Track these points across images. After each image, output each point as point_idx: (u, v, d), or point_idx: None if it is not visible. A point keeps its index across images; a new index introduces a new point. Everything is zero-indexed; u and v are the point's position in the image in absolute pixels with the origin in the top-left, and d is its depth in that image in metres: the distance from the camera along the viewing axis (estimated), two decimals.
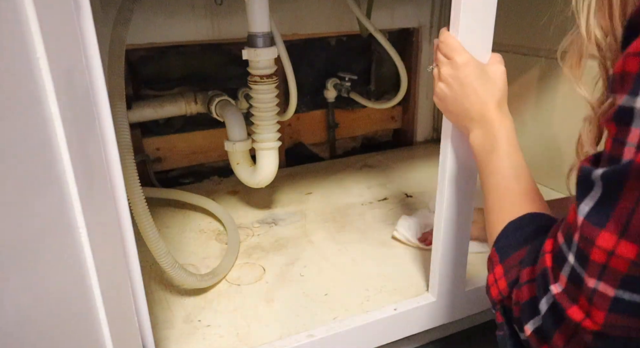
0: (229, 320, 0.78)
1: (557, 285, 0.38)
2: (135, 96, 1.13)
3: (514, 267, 0.46)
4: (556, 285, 0.38)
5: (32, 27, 0.39)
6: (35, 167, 0.41)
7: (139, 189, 0.69)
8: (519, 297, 0.43)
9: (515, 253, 0.47)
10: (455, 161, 0.69)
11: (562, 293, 0.38)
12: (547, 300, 0.39)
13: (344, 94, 1.32)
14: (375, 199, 1.17)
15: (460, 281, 0.80)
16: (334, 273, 0.89)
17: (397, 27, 1.35)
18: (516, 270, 0.45)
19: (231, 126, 1.01)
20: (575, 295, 0.37)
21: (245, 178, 1.05)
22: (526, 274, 0.43)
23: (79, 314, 0.49)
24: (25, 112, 0.40)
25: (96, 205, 0.48)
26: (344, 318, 0.77)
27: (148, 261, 0.83)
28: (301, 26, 1.21)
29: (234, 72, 1.20)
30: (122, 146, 0.63)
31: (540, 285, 0.40)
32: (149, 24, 1.04)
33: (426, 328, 0.81)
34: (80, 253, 0.47)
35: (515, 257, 0.47)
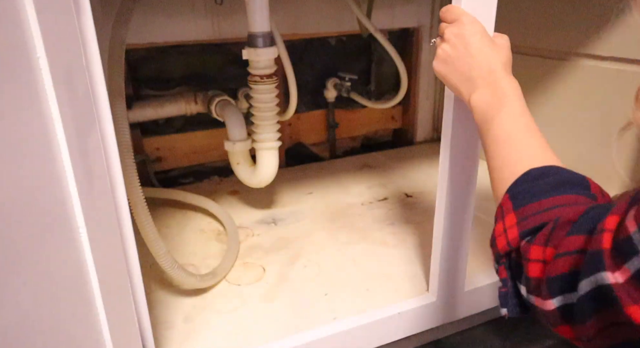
0: (229, 320, 0.78)
1: (614, 275, 0.33)
2: (135, 96, 1.13)
3: (531, 217, 0.41)
4: (614, 274, 0.33)
5: (32, 27, 0.39)
6: (35, 167, 0.41)
7: (139, 189, 0.69)
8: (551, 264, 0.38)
9: (534, 203, 0.42)
10: (455, 161, 0.69)
11: (621, 287, 0.33)
12: (592, 282, 0.34)
13: (344, 94, 1.32)
14: (375, 199, 1.17)
15: (460, 281, 0.80)
16: (334, 273, 0.89)
17: (397, 27, 1.35)
18: (533, 220, 0.41)
19: (231, 126, 1.01)
20: (638, 296, 0.32)
21: (245, 178, 1.05)
22: (573, 242, 0.37)
23: (79, 314, 0.49)
24: (25, 112, 0.40)
25: (96, 205, 0.48)
26: (344, 318, 0.77)
27: (148, 261, 0.83)
28: (301, 26, 1.21)
29: (234, 72, 1.20)
30: (122, 146, 0.63)
31: (589, 264, 0.35)
32: (149, 24, 1.04)
33: (426, 328, 0.81)
34: (80, 253, 0.47)
35: (534, 207, 0.42)
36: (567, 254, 0.37)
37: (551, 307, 0.37)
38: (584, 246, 0.36)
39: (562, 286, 0.37)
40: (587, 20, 1.00)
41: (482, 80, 0.55)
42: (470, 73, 0.56)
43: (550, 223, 0.40)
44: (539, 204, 0.41)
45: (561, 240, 0.38)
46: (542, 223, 0.40)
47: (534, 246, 0.39)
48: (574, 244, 0.37)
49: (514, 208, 0.43)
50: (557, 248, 0.38)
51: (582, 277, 0.35)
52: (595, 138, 1.03)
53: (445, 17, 0.60)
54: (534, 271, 0.39)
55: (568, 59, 1.06)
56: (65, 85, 0.42)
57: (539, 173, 0.45)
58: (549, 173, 0.44)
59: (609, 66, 0.98)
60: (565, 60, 1.07)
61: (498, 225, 0.45)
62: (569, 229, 0.38)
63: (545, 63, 1.11)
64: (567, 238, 0.37)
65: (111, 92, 0.63)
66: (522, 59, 1.15)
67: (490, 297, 0.85)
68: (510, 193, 0.45)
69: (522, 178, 0.45)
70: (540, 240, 0.39)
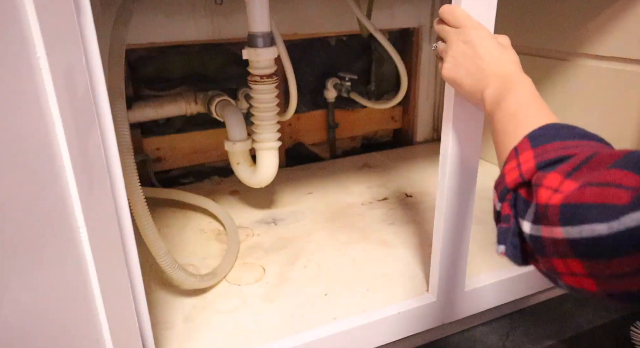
0: (229, 320, 0.78)
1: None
2: (135, 96, 1.13)
3: (552, 151, 0.38)
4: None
5: (32, 27, 0.39)
6: (35, 167, 0.41)
7: (139, 189, 0.69)
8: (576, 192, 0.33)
9: (556, 142, 0.39)
10: (455, 161, 0.69)
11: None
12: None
13: (344, 94, 1.32)
14: (375, 199, 1.17)
15: (460, 281, 0.80)
16: (334, 273, 0.89)
17: (397, 27, 1.35)
18: (554, 153, 0.38)
19: (231, 126, 1.01)
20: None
21: (245, 178, 1.05)
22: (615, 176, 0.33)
23: (79, 314, 0.49)
24: (26, 112, 0.40)
25: (96, 205, 0.48)
26: (344, 318, 0.77)
27: (148, 261, 0.83)
28: (301, 26, 1.21)
29: (234, 72, 1.20)
30: (122, 146, 0.63)
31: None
32: (149, 24, 1.04)
33: (426, 328, 0.81)
34: (80, 253, 0.47)
35: (557, 144, 0.39)
36: (606, 185, 0.32)
37: (561, 236, 0.33)
38: (634, 184, 0.31)
39: (586, 216, 0.32)
40: (587, 20, 1.00)
41: (494, 77, 0.54)
42: (482, 74, 0.56)
43: (577, 156, 0.36)
44: (563, 143, 0.38)
45: (597, 172, 0.34)
46: (565, 155, 0.37)
47: (553, 173, 0.36)
48: (618, 177, 0.32)
49: (532, 146, 0.40)
50: (586, 180, 0.34)
51: (629, 210, 0.31)
52: None
53: (447, 19, 0.60)
54: (545, 198, 0.35)
55: (568, 59, 1.06)
56: (65, 85, 0.42)
57: (559, 125, 0.41)
58: (571, 127, 0.41)
59: (609, 66, 0.98)
60: (565, 60, 1.07)
61: (509, 164, 0.41)
62: (611, 163, 0.34)
63: (545, 63, 1.11)
64: (609, 170, 0.33)
65: (111, 92, 0.63)
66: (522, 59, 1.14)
67: (490, 297, 0.85)
68: (529, 136, 0.42)
69: (542, 128, 0.42)
70: (562, 169, 0.36)
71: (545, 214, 0.35)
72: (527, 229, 0.37)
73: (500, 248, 0.39)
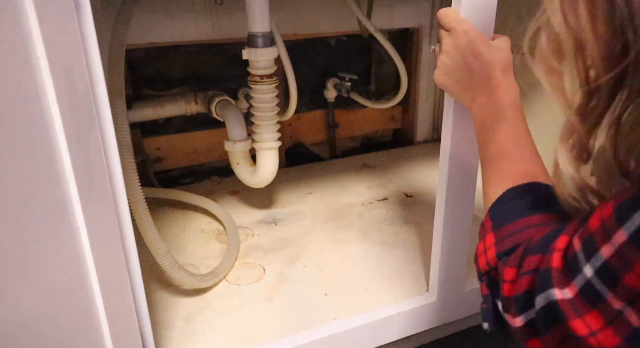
0: (229, 320, 0.78)
1: (563, 291, 0.35)
2: (135, 96, 1.13)
3: (506, 238, 0.44)
4: (562, 290, 0.35)
5: (32, 27, 0.39)
6: (35, 167, 0.41)
7: (139, 189, 0.69)
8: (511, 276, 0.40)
9: (509, 224, 0.44)
10: (455, 161, 0.69)
11: (568, 302, 0.35)
12: (544, 298, 0.37)
13: (344, 94, 1.32)
14: (375, 199, 1.17)
15: (460, 281, 0.80)
16: (334, 273, 0.89)
17: (397, 27, 1.35)
18: (508, 241, 0.43)
19: (231, 126, 1.01)
20: (585, 310, 0.34)
21: (245, 178, 1.05)
22: (531, 262, 0.39)
23: (79, 314, 0.49)
24: (26, 112, 0.40)
25: (96, 205, 0.48)
26: (344, 318, 0.77)
27: (148, 261, 0.83)
28: (301, 26, 1.21)
29: (234, 72, 1.20)
30: (122, 146, 0.63)
31: (541, 282, 0.37)
32: (149, 24, 1.03)
33: (426, 328, 0.81)
34: (80, 253, 0.47)
35: (509, 228, 0.44)
36: (527, 273, 0.39)
37: (519, 324, 0.39)
38: (538, 265, 0.38)
39: (525, 304, 0.39)
40: None
41: (481, 89, 0.56)
42: (470, 84, 0.58)
43: (522, 244, 0.42)
44: (514, 225, 0.43)
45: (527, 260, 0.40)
46: (515, 244, 0.43)
47: (507, 268, 0.41)
48: (532, 263, 0.39)
49: (493, 229, 0.45)
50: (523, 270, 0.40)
51: (537, 294, 0.37)
52: None
53: (441, 21, 0.60)
54: (507, 291, 0.41)
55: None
56: (65, 85, 0.42)
57: (517, 192, 0.47)
58: (527, 192, 0.46)
59: None
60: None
61: (480, 244, 0.47)
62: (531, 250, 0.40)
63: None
64: (528, 257, 0.40)
65: (111, 92, 0.63)
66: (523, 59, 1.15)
67: None
68: (490, 212, 0.48)
69: (500, 200, 0.47)
70: (513, 262, 0.41)
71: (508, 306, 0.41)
72: (500, 309, 0.43)
73: (485, 325, 0.46)
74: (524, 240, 0.42)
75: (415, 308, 0.79)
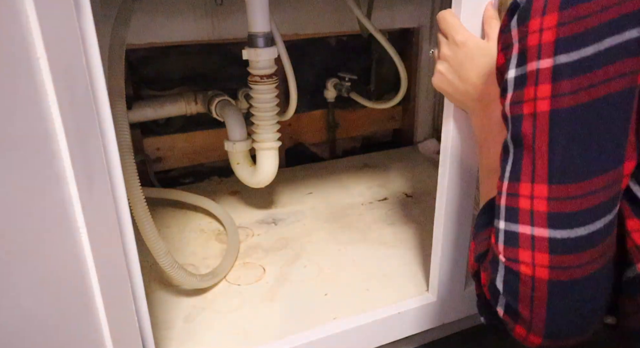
0: (229, 320, 0.78)
1: (501, 256, 0.40)
2: (135, 96, 1.13)
3: (481, 242, 0.47)
4: (500, 256, 0.40)
5: (33, 27, 0.39)
6: (35, 167, 0.41)
7: (139, 189, 0.69)
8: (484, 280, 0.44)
9: (484, 231, 0.47)
10: (455, 160, 0.69)
11: (506, 260, 0.40)
12: (500, 275, 0.41)
13: (344, 94, 1.32)
14: (375, 199, 1.17)
15: (460, 281, 0.80)
16: (334, 273, 0.89)
17: (397, 27, 1.35)
18: (482, 245, 0.47)
19: (231, 126, 1.01)
20: (516, 253, 0.39)
21: (245, 178, 1.05)
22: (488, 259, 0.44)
23: (78, 314, 0.49)
24: (26, 112, 0.40)
25: (96, 205, 0.48)
26: (344, 318, 0.77)
27: (148, 261, 0.83)
28: (301, 26, 1.21)
29: (234, 72, 1.20)
30: (122, 146, 0.63)
31: (492, 264, 0.42)
32: (149, 24, 1.03)
33: (426, 328, 0.81)
34: (80, 253, 0.47)
35: (484, 234, 0.47)
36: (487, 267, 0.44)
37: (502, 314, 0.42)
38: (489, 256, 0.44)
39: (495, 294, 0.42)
40: None
41: (477, 103, 0.58)
42: (466, 95, 0.59)
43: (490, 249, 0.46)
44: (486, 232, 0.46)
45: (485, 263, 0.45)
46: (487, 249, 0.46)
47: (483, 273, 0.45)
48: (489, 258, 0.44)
49: (473, 237, 0.49)
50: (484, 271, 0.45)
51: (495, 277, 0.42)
52: None
53: (440, 26, 0.60)
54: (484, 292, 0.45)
55: None
56: (65, 85, 0.42)
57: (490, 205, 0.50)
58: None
59: None
60: None
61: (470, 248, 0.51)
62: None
63: None
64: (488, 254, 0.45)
65: (111, 92, 0.63)
66: None
67: None
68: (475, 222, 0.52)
69: (481, 211, 0.51)
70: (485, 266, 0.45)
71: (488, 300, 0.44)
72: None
73: (482, 319, 0.49)
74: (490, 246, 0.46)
75: (415, 308, 0.79)
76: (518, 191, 0.39)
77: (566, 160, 0.36)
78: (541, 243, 0.37)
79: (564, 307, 0.38)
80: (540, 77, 0.36)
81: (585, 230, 0.37)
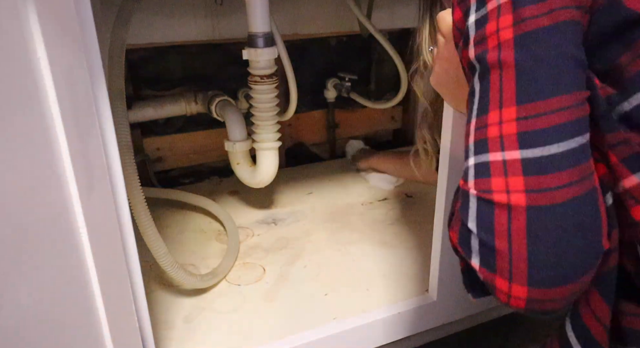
0: (229, 320, 0.78)
1: (471, 191, 0.38)
2: (135, 96, 1.13)
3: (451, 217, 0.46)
4: (470, 190, 0.38)
5: (33, 27, 0.39)
6: (35, 167, 0.41)
7: (139, 189, 0.69)
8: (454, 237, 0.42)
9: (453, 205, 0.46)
10: (456, 161, 0.69)
11: (477, 192, 0.37)
12: (472, 212, 0.38)
13: (344, 94, 1.32)
14: (375, 199, 1.17)
15: (460, 281, 0.79)
16: (334, 273, 0.89)
17: (397, 27, 1.35)
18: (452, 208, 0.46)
19: (231, 126, 1.01)
20: (488, 183, 0.37)
21: (245, 178, 1.05)
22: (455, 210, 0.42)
23: (79, 314, 0.49)
24: (26, 112, 0.40)
25: (96, 205, 0.48)
26: (344, 318, 0.77)
27: (148, 261, 0.83)
28: (301, 26, 1.21)
29: (234, 72, 1.20)
30: (122, 146, 0.63)
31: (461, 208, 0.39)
32: (149, 24, 1.03)
33: (426, 328, 0.81)
34: (80, 253, 0.47)
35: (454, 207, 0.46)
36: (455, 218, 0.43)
37: (476, 266, 0.39)
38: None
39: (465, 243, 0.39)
40: None
41: None
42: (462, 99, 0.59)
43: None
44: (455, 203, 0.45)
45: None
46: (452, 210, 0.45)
47: (451, 233, 0.43)
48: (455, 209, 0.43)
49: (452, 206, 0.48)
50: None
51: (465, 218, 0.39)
52: None
53: (439, 28, 0.60)
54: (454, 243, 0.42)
55: None
56: (65, 85, 0.42)
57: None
58: None
59: None
60: None
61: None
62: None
63: None
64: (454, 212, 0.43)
65: (111, 92, 0.63)
66: None
67: (490, 297, 0.85)
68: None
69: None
70: (452, 224, 0.43)
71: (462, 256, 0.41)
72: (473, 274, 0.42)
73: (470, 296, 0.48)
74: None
75: (415, 308, 0.79)
76: (486, 122, 0.38)
77: (533, 80, 0.36)
78: (514, 166, 0.36)
79: (548, 238, 0.34)
80: (502, 10, 0.38)
81: (558, 148, 0.35)
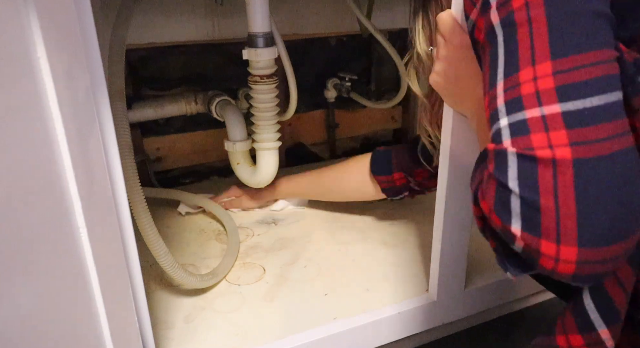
0: (229, 320, 0.78)
1: (509, 149, 0.36)
2: (135, 96, 1.13)
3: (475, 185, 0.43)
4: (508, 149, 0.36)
5: (33, 27, 0.39)
6: (35, 167, 0.41)
7: (139, 189, 0.69)
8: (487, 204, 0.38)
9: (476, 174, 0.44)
10: (455, 161, 0.69)
11: (517, 149, 0.35)
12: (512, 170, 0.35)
13: (344, 94, 1.32)
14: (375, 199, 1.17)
15: (460, 281, 0.80)
16: (334, 273, 0.89)
17: (398, 27, 1.35)
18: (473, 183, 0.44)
19: (231, 126, 1.01)
20: (529, 140, 0.35)
21: (245, 178, 1.05)
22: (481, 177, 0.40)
23: (79, 314, 0.49)
24: (26, 112, 0.40)
25: (96, 205, 0.48)
26: (344, 318, 0.77)
27: (148, 261, 0.83)
28: (301, 26, 1.21)
29: (234, 72, 1.20)
30: (122, 146, 0.63)
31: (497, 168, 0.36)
32: (149, 24, 1.04)
33: (426, 328, 0.81)
34: (80, 253, 0.47)
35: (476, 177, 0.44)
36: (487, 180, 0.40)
37: (519, 233, 0.35)
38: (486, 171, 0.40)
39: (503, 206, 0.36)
40: None
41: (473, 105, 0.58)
42: (462, 99, 0.60)
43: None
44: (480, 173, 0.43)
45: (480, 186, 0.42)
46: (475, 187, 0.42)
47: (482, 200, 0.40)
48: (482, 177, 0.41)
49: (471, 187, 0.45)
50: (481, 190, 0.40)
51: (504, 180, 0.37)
52: None
53: (439, 28, 0.60)
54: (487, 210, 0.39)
55: None
56: (65, 85, 0.42)
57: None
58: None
59: None
60: None
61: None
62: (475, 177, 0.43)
63: None
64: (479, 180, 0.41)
65: (111, 92, 0.63)
66: None
67: (490, 297, 0.85)
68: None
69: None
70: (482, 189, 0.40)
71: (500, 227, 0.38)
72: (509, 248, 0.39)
73: (508, 274, 0.41)
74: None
75: (415, 308, 0.79)
76: (518, 80, 0.37)
77: (566, 35, 0.36)
78: (554, 120, 0.34)
79: (596, 192, 0.32)
80: None
81: (600, 100, 0.34)
